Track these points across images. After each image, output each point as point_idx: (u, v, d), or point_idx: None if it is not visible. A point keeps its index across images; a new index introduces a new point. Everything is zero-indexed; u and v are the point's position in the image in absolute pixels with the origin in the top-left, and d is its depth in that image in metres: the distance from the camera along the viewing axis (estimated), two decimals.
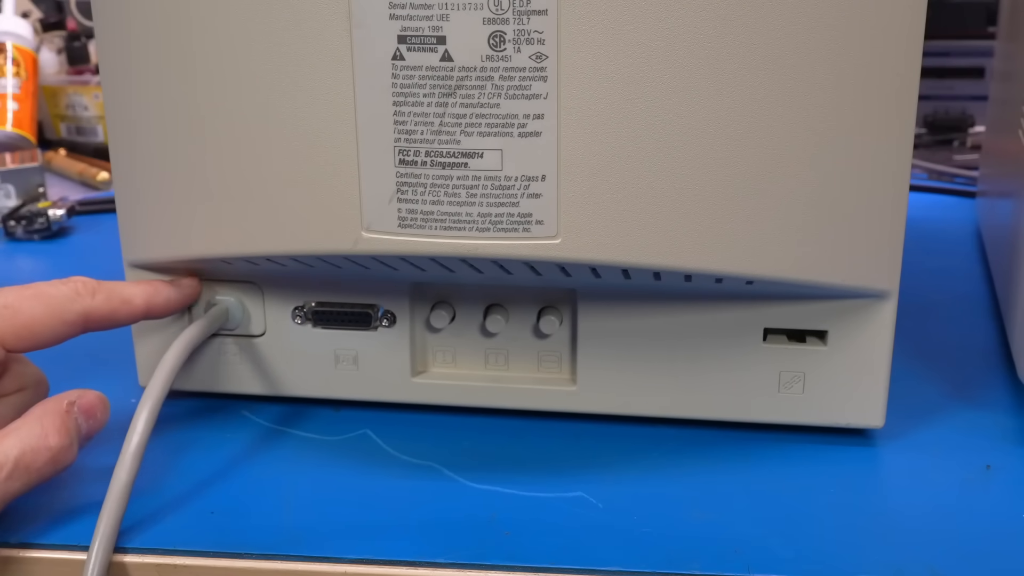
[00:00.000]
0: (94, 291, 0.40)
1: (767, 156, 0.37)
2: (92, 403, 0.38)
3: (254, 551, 0.37)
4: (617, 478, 0.41)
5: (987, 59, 0.90)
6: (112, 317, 0.41)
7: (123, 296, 0.41)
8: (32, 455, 0.36)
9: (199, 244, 0.41)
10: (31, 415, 0.37)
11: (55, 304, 0.39)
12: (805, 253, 0.38)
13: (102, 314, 0.40)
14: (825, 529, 0.37)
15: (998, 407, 0.46)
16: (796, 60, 0.36)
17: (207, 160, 0.40)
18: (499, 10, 0.35)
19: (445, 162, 0.37)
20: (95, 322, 0.40)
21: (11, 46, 0.92)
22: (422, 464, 0.42)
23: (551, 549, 0.36)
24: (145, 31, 0.39)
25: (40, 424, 0.36)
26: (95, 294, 0.40)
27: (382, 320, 0.44)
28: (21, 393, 0.40)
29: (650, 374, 0.43)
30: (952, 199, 0.78)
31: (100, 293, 0.41)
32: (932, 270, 0.62)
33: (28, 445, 0.36)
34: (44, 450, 0.36)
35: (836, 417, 0.43)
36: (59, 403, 0.38)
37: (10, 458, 0.35)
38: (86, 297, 0.40)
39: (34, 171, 0.78)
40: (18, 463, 0.35)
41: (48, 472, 0.37)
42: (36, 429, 0.36)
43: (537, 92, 0.36)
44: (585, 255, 0.37)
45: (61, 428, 0.37)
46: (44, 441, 0.36)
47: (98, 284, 0.41)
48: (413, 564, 0.36)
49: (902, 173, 0.38)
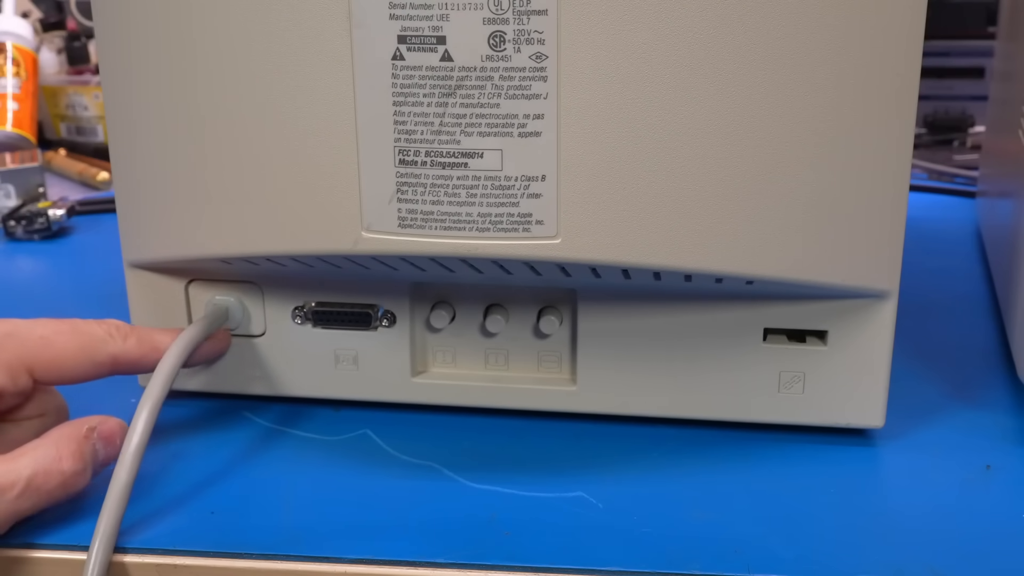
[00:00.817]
0: (127, 335, 0.41)
1: (767, 156, 0.37)
2: (112, 430, 0.39)
3: (254, 551, 0.37)
4: (617, 478, 0.41)
5: (987, 59, 0.90)
6: (141, 362, 0.41)
7: (154, 343, 0.41)
8: (44, 477, 0.36)
9: (199, 244, 0.41)
10: (48, 437, 0.37)
11: (87, 343, 0.40)
12: (805, 253, 0.38)
13: (132, 359, 0.41)
14: (825, 529, 0.37)
15: (998, 407, 0.46)
16: (796, 60, 0.36)
17: (207, 160, 0.40)
18: (499, 10, 0.35)
19: (445, 162, 0.37)
20: (124, 366, 0.41)
21: (11, 46, 0.92)
22: (422, 464, 0.42)
23: (551, 549, 0.36)
24: (145, 31, 0.39)
25: (56, 447, 0.37)
26: (127, 338, 0.41)
27: (382, 320, 0.44)
28: (42, 418, 0.41)
29: (650, 374, 0.43)
30: (952, 199, 0.78)
31: (132, 338, 0.41)
32: (932, 270, 0.62)
33: (41, 467, 0.36)
34: (57, 473, 0.36)
35: (836, 417, 0.43)
36: (78, 428, 0.38)
37: (23, 477, 0.36)
38: (118, 340, 0.40)
39: (34, 171, 0.78)
40: (30, 483, 0.36)
41: (59, 495, 0.37)
42: (51, 452, 0.37)
43: (537, 92, 0.36)
44: (585, 255, 0.37)
45: (76, 453, 0.37)
46: (58, 464, 0.36)
47: (131, 329, 0.41)
48: (413, 564, 0.36)
49: (902, 173, 0.38)
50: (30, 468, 0.36)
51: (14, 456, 0.36)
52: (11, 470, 0.36)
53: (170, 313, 0.45)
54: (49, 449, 0.37)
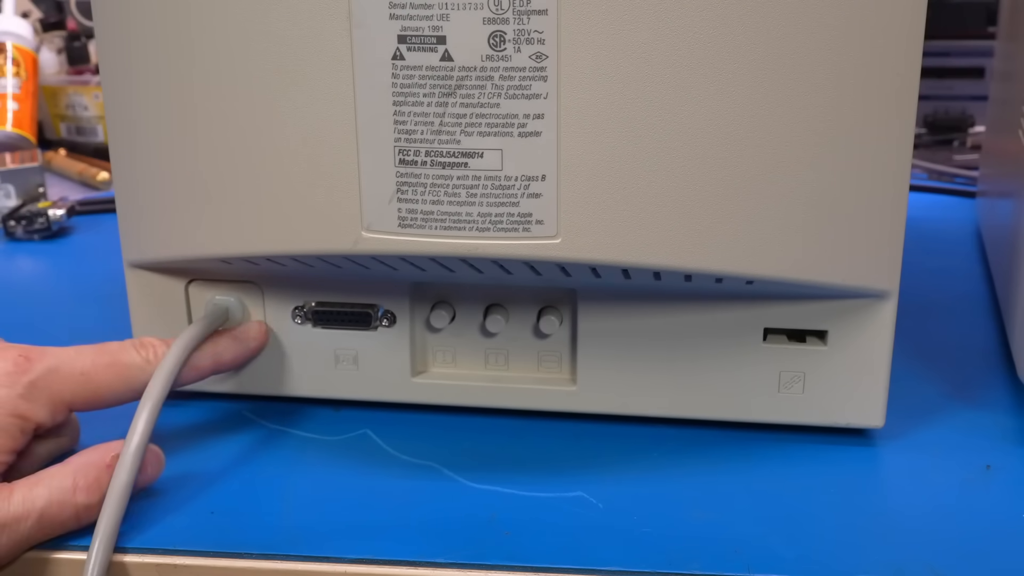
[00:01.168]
0: (161, 355, 0.41)
1: (767, 156, 0.37)
2: (146, 458, 0.38)
3: (254, 551, 0.37)
4: (617, 478, 0.41)
5: (987, 59, 0.90)
6: (179, 383, 0.42)
7: (191, 363, 0.42)
8: (58, 508, 0.36)
9: (199, 244, 0.41)
10: (68, 465, 0.37)
11: (128, 375, 0.40)
12: (805, 253, 0.38)
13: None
14: (825, 529, 0.37)
15: (998, 407, 0.46)
16: (796, 60, 0.36)
17: (207, 160, 0.40)
18: (499, 10, 0.35)
19: (445, 162, 0.37)
20: None
21: (11, 46, 0.92)
22: (422, 464, 0.42)
23: (551, 549, 0.36)
24: (145, 31, 0.39)
25: (72, 478, 0.36)
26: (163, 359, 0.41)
27: (382, 320, 0.44)
28: (58, 440, 0.41)
29: (650, 374, 0.43)
30: (952, 199, 0.78)
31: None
32: (932, 270, 0.62)
33: (56, 498, 0.36)
34: (70, 505, 0.36)
35: (836, 417, 0.43)
36: (103, 455, 0.37)
37: (36, 509, 0.36)
38: (155, 364, 0.40)
39: (34, 171, 0.78)
40: (42, 515, 0.36)
41: (71, 527, 0.37)
42: (67, 482, 0.36)
43: (537, 92, 0.36)
44: (585, 255, 0.37)
45: (92, 485, 0.37)
46: (72, 496, 0.36)
47: (164, 346, 0.41)
48: (413, 564, 0.36)
49: (902, 173, 0.38)
50: (44, 499, 0.36)
51: (31, 484, 0.36)
52: (26, 499, 0.36)
53: (170, 313, 0.45)
54: (65, 480, 0.36)
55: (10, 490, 0.36)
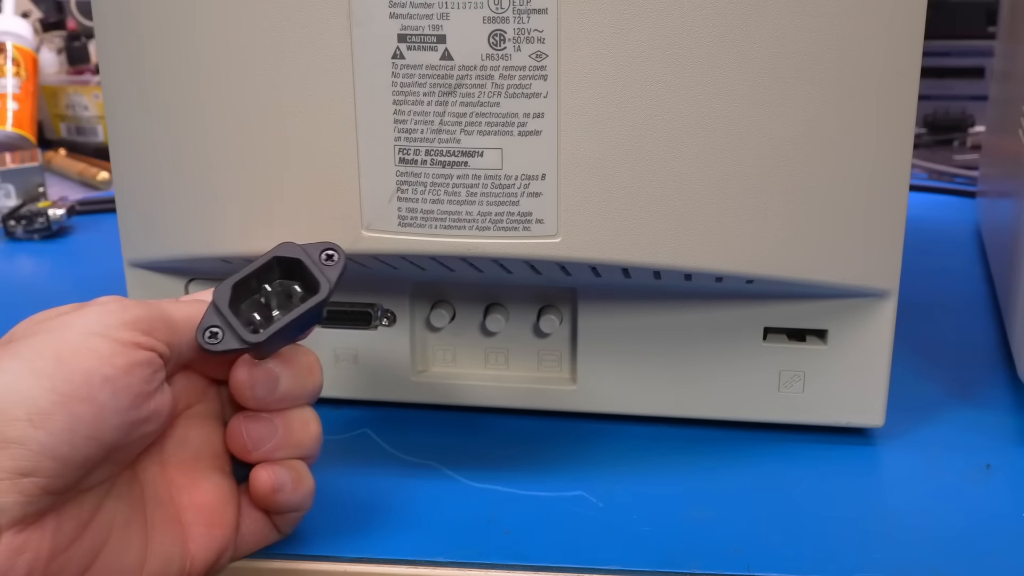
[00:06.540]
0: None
1: (767, 156, 0.37)
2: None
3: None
4: (617, 477, 0.41)
5: (987, 59, 0.90)
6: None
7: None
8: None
9: (199, 244, 0.41)
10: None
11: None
12: (805, 253, 0.38)
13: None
14: (825, 528, 0.37)
15: (998, 406, 0.46)
16: (796, 60, 0.36)
17: (207, 160, 0.40)
18: (499, 9, 0.35)
19: (445, 161, 0.37)
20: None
21: (11, 46, 0.92)
22: (422, 463, 0.42)
23: (551, 548, 0.36)
24: (145, 31, 0.39)
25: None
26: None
27: (382, 319, 0.44)
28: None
29: (650, 373, 0.43)
30: (952, 199, 0.78)
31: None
32: (932, 270, 0.62)
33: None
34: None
35: (836, 416, 0.43)
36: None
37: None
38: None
39: (34, 171, 0.78)
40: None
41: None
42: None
43: (537, 91, 0.36)
44: (585, 254, 0.37)
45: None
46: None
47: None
48: (413, 563, 0.36)
49: (902, 173, 0.38)
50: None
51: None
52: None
53: None
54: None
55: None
